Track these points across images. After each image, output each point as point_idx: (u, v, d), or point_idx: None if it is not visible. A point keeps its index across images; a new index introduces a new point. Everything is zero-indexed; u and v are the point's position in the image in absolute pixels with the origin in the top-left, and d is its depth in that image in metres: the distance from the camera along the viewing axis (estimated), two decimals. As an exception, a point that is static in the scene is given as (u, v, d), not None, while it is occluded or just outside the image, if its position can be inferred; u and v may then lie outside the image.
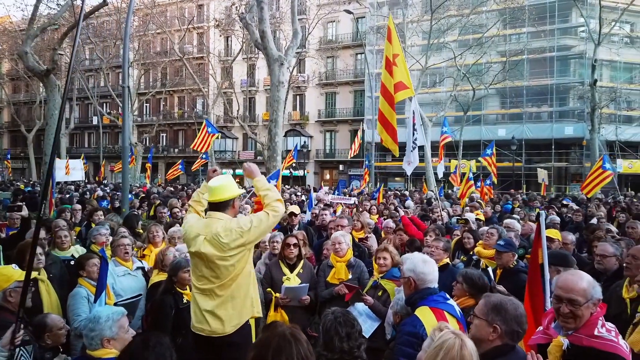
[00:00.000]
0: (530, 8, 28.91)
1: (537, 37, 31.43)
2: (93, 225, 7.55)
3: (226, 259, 3.47)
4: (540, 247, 3.38)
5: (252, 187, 4.21)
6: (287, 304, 4.81)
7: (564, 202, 13.60)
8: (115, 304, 4.09)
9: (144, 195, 14.72)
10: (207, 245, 3.48)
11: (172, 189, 19.99)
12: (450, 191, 19.95)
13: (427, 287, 3.16)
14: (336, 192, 14.34)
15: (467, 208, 10.47)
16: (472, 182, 13.08)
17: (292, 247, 5.02)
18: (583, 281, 2.59)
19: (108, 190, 18.92)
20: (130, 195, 13.06)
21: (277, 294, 4.83)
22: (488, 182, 16.65)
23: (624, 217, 9.26)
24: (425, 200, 13.71)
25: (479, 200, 12.64)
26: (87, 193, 16.71)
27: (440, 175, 19.98)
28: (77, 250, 5.68)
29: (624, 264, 3.96)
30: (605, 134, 29.33)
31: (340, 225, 6.18)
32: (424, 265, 3.19)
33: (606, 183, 14.16)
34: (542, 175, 23.74)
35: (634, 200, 16.46)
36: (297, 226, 7.48)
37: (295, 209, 8.15)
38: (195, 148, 16.04)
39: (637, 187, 29.23)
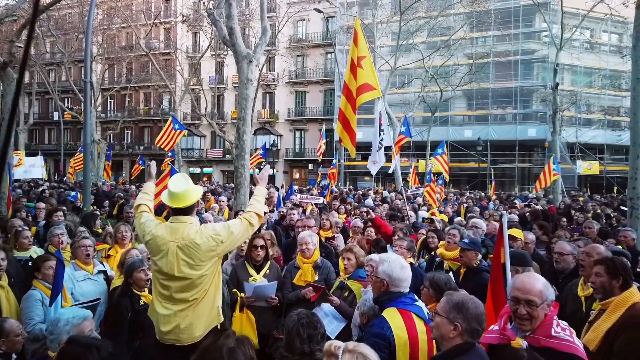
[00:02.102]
0: (495, 12, 29.61)
1: (502, 41, 32.26)
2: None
3: (198, 267, 3.39)
4: (502, 247, 3.43)
5: (218, 183, 4.17)
6: (253, 304, 4.73)
7: (515, 201, 14.03)
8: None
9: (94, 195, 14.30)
10: (180, 252, 3.38)
11: (128, 187, 19.53)
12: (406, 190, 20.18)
13: (398, 290, 3.18)
14: (289, 193, 14.33)
15: (424, 207, 10.65)
16: (429, 184, 13.28)
17: (259, 248, 4.93)
18: (539, 283, 2.66)
19: (64, 188, 18.28)
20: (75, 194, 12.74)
21: (242, 294, 4.74)
22: (440, 182, 16.99)
23: (582, 217, 9.59)
24: (388, 200, 13.82)
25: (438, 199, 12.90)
26: (46, 191, 16.13)
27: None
28: (36, 251, 5.48)
29: (580, 263, 4.09)
30: (566, 136, 30.41)
31: (307, 225, 6.14)
32: (401, 272, 3.20)
33: (551, 182, 16.03)
34: (492, 175, 24.54)
35: (569, 200, 17.05)
36: (265, 225, 7.41)
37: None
38: (159, 144, 15.66)
39: (596, 188, 30.43)
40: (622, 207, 12.98)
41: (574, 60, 30.22)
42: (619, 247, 6.04)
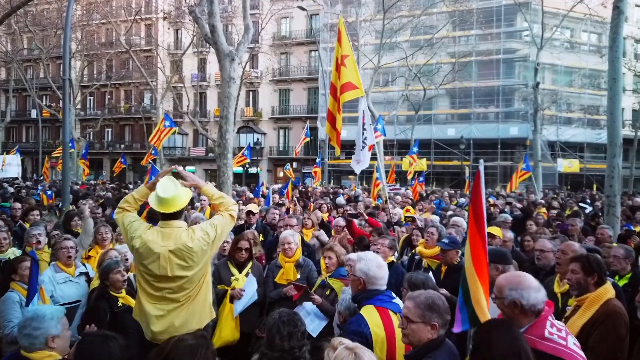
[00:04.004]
0: (478, 11, 29.93)
1: (484, 40, 32.62)
2: (27, 225, 7.19)
3: (192, 268, 3.42)
4: (480, 198, 3.37)
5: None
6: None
7: (489, 199, 14.21)
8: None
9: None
10: (172, 257, 3.37)
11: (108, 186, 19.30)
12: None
13: (375, 288, 3.22)
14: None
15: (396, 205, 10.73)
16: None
17: (243, 251, 4.95)
18: (502, 279, 2.76)
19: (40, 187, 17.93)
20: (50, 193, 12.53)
21: (232, 287, 4.74)
22: (421, 179, 17.32)
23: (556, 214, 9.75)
24: (360, 199, 13.87)
25: (410, 197, 13.03)
26: (23, 190, 15.82)
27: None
28: (15, 253, 5.36)
29: (556, 260, 4.17)
30: (547, 134, 30.88)
31: (289, 224, 6.13)
32: (378, 270, 3.24)
33: (522, 180, 16.75)
34: (466, 173, 24.83)
35: (534, 198, 17.26)
36: (255, 225, 7.39)
37: (253, 207, 8.04)
38: (152, 142, 15.77)
39: (576, 186, 31.01)
40: (582, 204, 13.27)
41: (555, 59, 30.73)
42: (614, 245, 6.01)
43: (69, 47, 11.02)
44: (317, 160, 21.43)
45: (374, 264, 3.25)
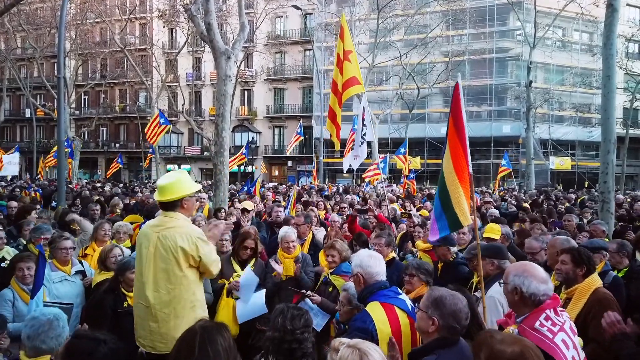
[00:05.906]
0: (471, 10, 30.08)
1: (477, 39, 32.78)
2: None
3: (169, 261, 3.36)
4: (459, 106, 3.84)
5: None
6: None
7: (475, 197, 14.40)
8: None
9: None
10: (158, 243, 3.39)
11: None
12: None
13: (375, 280, 3.21)
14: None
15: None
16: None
17: (248, 250, 4.98)
18: (511, 266, 2.94)
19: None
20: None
21: (229, 281, 4.71)
22: (411, 176, 17.50)
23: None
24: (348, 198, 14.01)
25: (398, 195, 13.21)
26: (18, 189, 15.77)
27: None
28: (9, 252, 5.34)
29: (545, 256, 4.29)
30: (539, 132, 31.11)
31: (297, 223, 6.19)
32: (370, 260, 3.26)
33: (502, 176, 17.39)
34: None
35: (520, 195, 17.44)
36: (250, 222, 7.42)
37: (248, 205, 8.03)
38: (148, 137, 15.83)
39: (567, 183, 31.26)
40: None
41: (547, 58, 30.94)
42: (607, 239, 6.00)
43: (63, 46, 11.00)
44: (314, 160, 21.50)
45: (365, 256, 3.31)
